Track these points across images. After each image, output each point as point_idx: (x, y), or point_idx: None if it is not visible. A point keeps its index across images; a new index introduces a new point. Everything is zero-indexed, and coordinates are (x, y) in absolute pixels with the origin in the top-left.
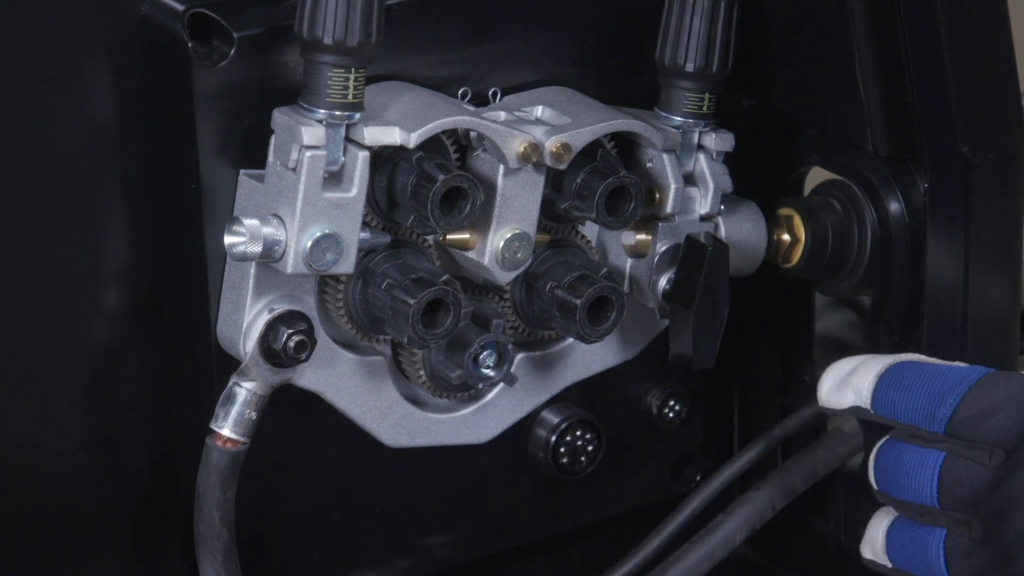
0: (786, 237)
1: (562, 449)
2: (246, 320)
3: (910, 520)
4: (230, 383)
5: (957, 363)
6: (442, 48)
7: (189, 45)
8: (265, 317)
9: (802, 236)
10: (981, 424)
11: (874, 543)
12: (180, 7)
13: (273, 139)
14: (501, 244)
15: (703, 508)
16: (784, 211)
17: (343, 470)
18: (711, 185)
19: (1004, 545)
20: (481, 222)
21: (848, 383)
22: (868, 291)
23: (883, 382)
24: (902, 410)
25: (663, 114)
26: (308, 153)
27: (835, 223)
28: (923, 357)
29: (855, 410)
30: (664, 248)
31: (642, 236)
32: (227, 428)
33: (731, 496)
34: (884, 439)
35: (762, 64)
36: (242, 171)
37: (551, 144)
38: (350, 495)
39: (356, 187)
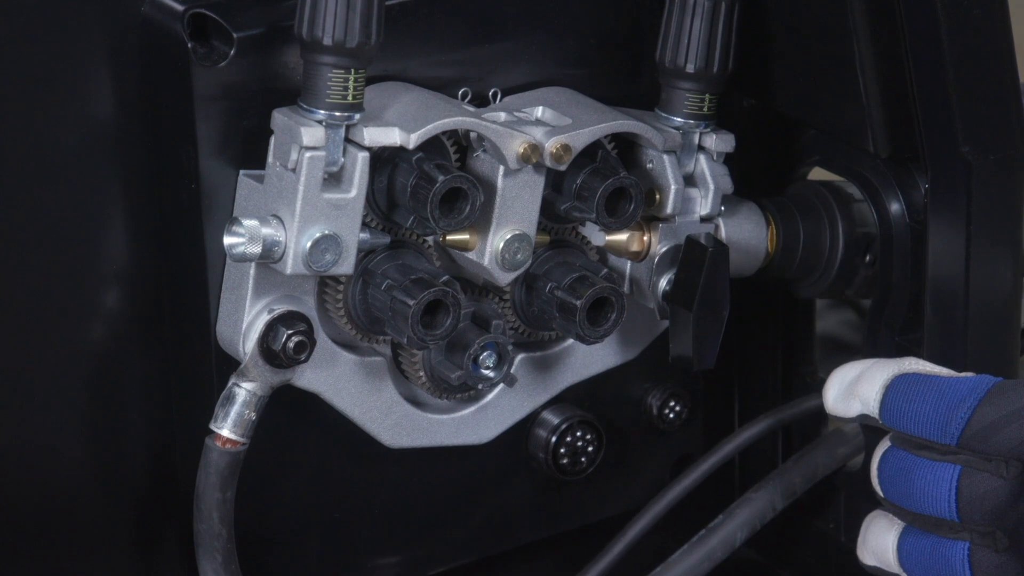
0: None
1: (562, 450)
2: (246, 321)
3: (922, 531)
4: (229, 384)
5: (965, 373)
6: (442, 49)
7: (189, 45)
8: (265, 318)
9: (773, 236)
10: (995, 436)
11: (882, 553)
12: (180, 7)
13: (273, 140)
14: (501, 245)
15: (694, 487)
16: None
17: (343, 471)
18: (711, 186)
19: None
20: (481, 223)
21: (854, 391)
22: (844, 292)
23: (890, 392)
24: (912, 422)
25: (663, 115)
26: (308, 154)
27: (807, 224)
28: (926, 364)
29: (863, 418)
30: (664, 249)
31: (613, 237)
32: (226, 428)
33: (731, 496)
34: (887, 447)
35: (762, 64)
36: (242, 172)
37: (551, 145)
38: (350, 495)
39: (356, 188)
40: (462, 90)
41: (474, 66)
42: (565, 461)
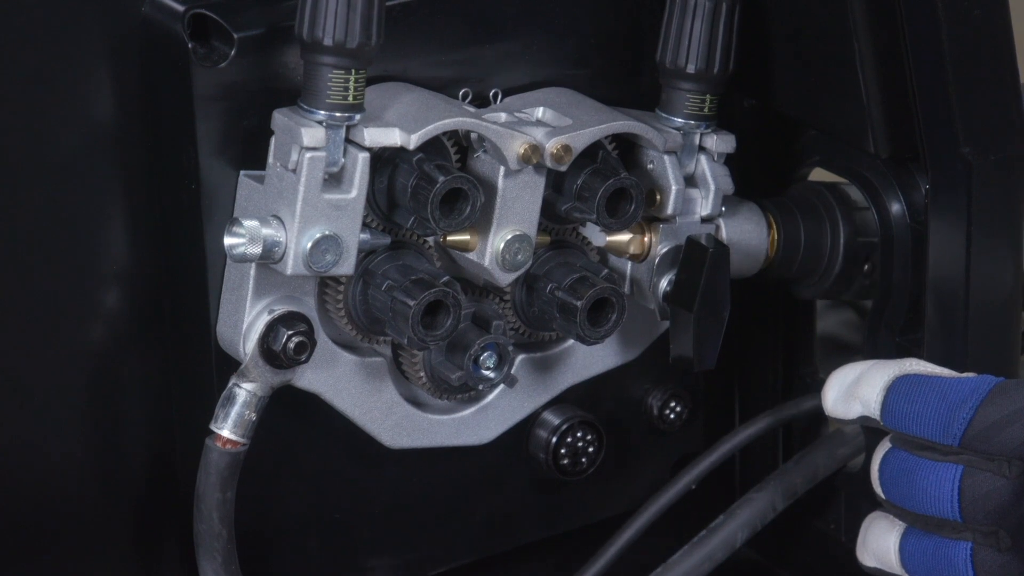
0: None
1: (563, 450)
2: (246, 321)
3: (924, 532)
4: (230, 384)
5: (967, 374)
6: (443, 49)
7: (189, 46)
8: (265, 318)
9: (774, 237)
10: (997, 435)
11: (883, 554)
12: (180, 7)
13: (273, 140)
14: (501, 245)
15: (687, 489)
16: None
17: (343, 471)
18: (712, 186)
19: None
20: (481, 223)
21: (854, 393)
22: (844, 293)
23: (892, 394)
24: (913, 423)
25: (664, 115)
26: (308, 154)
27: (808, 225)
28: (927, 365)
29: (863, 419)
30: (665, 250)
31: (613, 237)
32: (227, 429)
33: (731, 497)
34: (887, 448)
35: (763, 65)
36: (242, 172)
37: (551, 145)
38: (350, 496)
39: (356, 188)
40: (462, 90)
41: (474, 66)
42: (565, 461)
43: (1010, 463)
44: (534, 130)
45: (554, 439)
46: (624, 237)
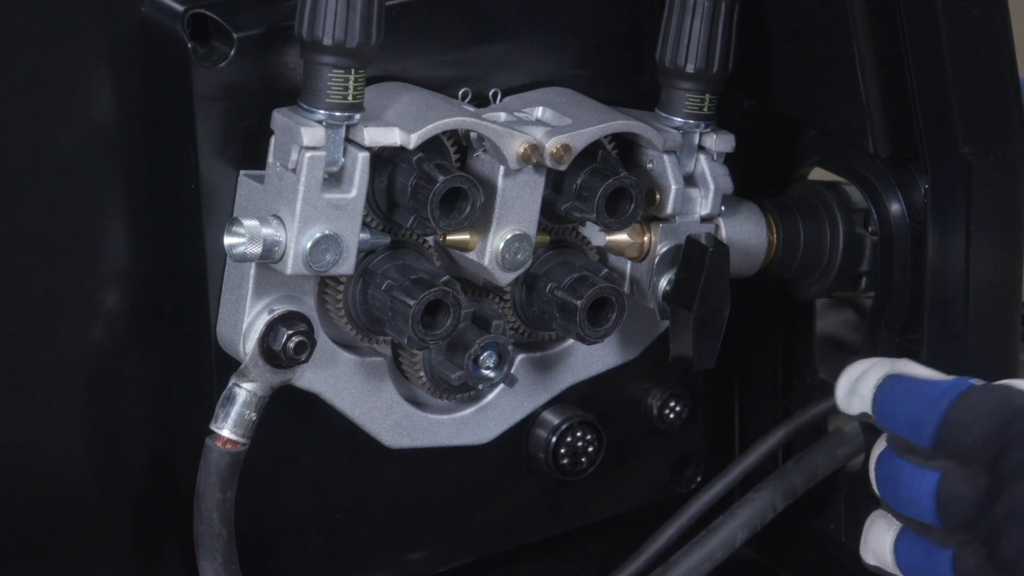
0: None
1: (562, 450)
2: (246, 321)
3: (916, 534)
4: (230, 384)
5: (951, 376)
6: (442, 49)
7: (189, 45)
8: (265, 318)
9: (773, 236)
10: (962, 438)
11: (881, 553)
12: (180, 7)
13: (273, 140)
14: (501, 245)
15: (707, 509)
16: None
17: (343, 471)
18: (712, 186)
19: (1005, 566)
20: (481, 223)
21: (856, 389)
22: (844, 293)
23: (879, 393)
24: (895, 424)
25: (664, 115)
26: (308, 154)
27: (807, 224)
28: (917, 366)
29: (864, 416)
30: (664, 249)
31: (613, 237)
32: (227, 429)
33: (732, 498)
34: (882, 448)
35: (763, 64)
36: (242, 172)
37: (551, 145)
38: (350, 495)
39: (356, 188)
40: (462, 90)
41: (474, 66)
42: (565, 461)
43: (982, 469)
44: (534, 129)
45: (554, 439)
46: (624, 237)
